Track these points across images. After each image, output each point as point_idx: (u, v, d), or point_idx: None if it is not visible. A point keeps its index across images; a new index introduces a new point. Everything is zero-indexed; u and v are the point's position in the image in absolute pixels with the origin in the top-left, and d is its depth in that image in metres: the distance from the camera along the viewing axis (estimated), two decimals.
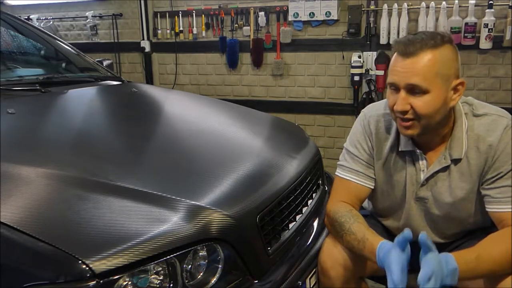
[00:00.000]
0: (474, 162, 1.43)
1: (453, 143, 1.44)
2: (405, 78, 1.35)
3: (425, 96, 1.34)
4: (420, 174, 1.51)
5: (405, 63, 1.34)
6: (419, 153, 1.49)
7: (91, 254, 1.05)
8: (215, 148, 1.72)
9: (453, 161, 1.45)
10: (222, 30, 4.13)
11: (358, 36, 3.67)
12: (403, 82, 1.35)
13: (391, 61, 1.40)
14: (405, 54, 1.35)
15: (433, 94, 1.34)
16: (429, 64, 1.33)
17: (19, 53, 2.46)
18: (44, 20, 4.77)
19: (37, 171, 1.30)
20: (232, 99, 3.92)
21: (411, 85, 1.34)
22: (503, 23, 3.23)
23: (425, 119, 1.37)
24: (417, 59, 1.33)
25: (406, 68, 1.34)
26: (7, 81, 1.95)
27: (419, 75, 1.33)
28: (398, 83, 1.37)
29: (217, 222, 1.26)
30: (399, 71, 1.36)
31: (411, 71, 1.33)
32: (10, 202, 1.16)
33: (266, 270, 1.39)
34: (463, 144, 1.43)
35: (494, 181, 1.41)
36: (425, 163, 1.49)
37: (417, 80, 1.33)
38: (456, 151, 1.44)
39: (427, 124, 1.39)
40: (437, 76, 1.33)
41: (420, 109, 1.35)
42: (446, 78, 1.35)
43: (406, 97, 1.36)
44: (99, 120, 1.92)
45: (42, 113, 1.84)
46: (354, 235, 1.44)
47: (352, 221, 1.47)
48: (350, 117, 3.78)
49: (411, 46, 1.34)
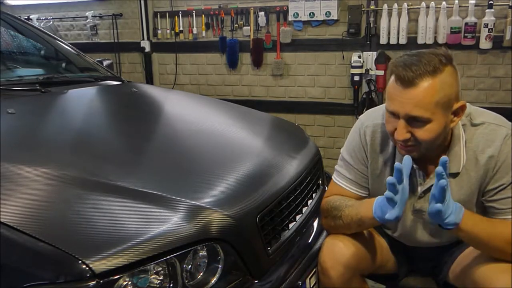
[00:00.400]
0: (473, 174, 1.41)
1: (451, 158, 1.40)
2: (404, 109, 1.30)
3: (427, 125, 1.30)
4: (417, 187, 1.49)
5: (404, 94, 1.29)
6: (416, 168, 1.46)
7: (91, 254, 1.05)
8: (215, 148, 1.73)
9: (451, 175, 1.42)
10: (222, 30, 4.13)
11: (358, 36, 3.67)
12: (403, 112, 1.30)
13: (390, 85, 1.34)
14: (404, 83, 1.28)
15: (434, 123, 1.30)
16: (429, 95, 1.27)
17: (19, 53, 2.46)
18: (44, 20, 4.76)
19: (37, 171, 1.30)
20: (232, 99, 3.92)
21: (412, 116, 1.30)
22: (503, 23, 3.23)
23: (425, 145, 1.35)
24: (416, 90, 1.27)
25: (405, 99, 1.29)
26: (7, 81, 1.95)
27: (419, 107, 1.28)
28: (397, 113, 1.32)
29: (217, 222, 1.26)
30: (398, 101, 1.31)
31: (411, 103, 1.28)
32: (10, 202, 1.16)
33: (266, 270, 1.39)
34: (461, 158, 1.41)
35: (496, 193, 1.40)
36: (422, 177, 1.47)
37: (418, 112, 1.28)
38: (453, 165, 1.41)
39: (428, 148, 1.37)
40: (437, 106, 1.28)
41: (422, 137, 1.32)
42: (447, 104, 1.31)
43: (406, 126, 1.32)
44: (99, 120, 1.92)
45: (42, 113, 1.84)
46: (351, 206, 1.48)
47: (347, 200, 1.52)
48: (350, 117, 3.78)
49: (409, 72, 1.27)
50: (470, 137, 1.42)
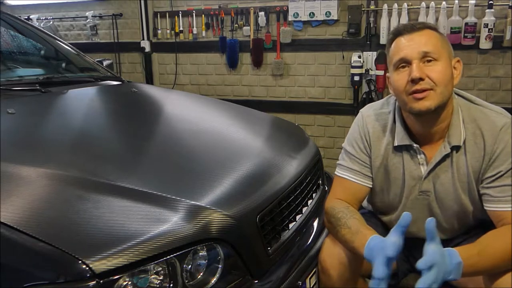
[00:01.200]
0: (470, 156, 1.44)
1: (451, 131, 1.45)
2: (417, 47, 1.39)
3: (438, 64, 1.39)
4: (420, 168, 1.51)
5: (412, 37, 1.41)
6: (416, 148, 1.49)
7: (91, 254, 1.05)
8: (215, 148, 1.72)
9: (453, 148, 1.45)
10: (222, 30, 4.13)
11: (358, 36, 3.67)
12: (415, 51, 1.39)
13: (392, 47, 1.46)
14: (411, 30, 1.42)
15: (443, 64, 1.39)
16: (435, 37, 1.42)
17: (19, 53, 2.46)
18: (44, 20, 4.77)
19: (37, 171, 1.30)
20: (232, 99, 3.92)
21: (424, 52, 1.39)
22: (503, 23, 3.23)
23: (440, 87, 1.38)
24: (423, 33, 1.42)
25: (415, 40, 1.40)
26: (7, 81, 1.95)
27: (429, 43, 1.39)
28: (409, 55, 1.40)
29: (217, 222, 1.26)
30: (408, 45, 1.41)
31: (421, 41, 1.40)
32: (10, 202, 1.16)
33: (266, 270, 1.39)
34: (461, 132, 1.44)
35: (493, 180, 1.41)
36: (423, 157, 1.49)
37: (429, 48, 1.39)
38: (454, 138, 1.44)
39: (443, 95, 1.39)
40: (442, 48, 1.41)
41: (436, 76, 1.38)
42: (448, 53, 1.43)
43: (420, 66, 1.38)
44: (99, 120, 1.92)
45: (42, 113, 1.84)
46: (349, 228, 1.44)
47: (349, 216, 1.48)
48: (350, 117, 3.77)
49: (414, 25, 1.43)
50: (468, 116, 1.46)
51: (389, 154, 1.55)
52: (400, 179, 1.55)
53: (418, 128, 1.48)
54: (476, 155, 1.43)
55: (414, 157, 1.51)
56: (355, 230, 1.42)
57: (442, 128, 1.46)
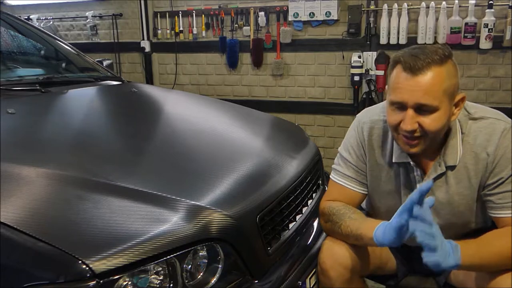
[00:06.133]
0: (472, 168, 1.41)
1: (447, 151, 1.42)
2: (414, 98, 1.29)
3: (434, 114, 1.31)
4: (416, 184, 1.49)
5: (413, 81, 1.29)
6: (413, 165, 1.46)
7: (91, 254, 1.05)
8: (215, 148, 1.72)
9: (448, 168, 1.43)
10: (222, 30, 4.13)
11: (358, 36, 3.67)
12: (412, 101, 1.30)
13: (393, 77, 1.34)
14: (413, 71, 1.29)
15: (441, 112, 1.31)
16: (438, 82, 1.29)
17: (19, 53, 2.46)
18: (44, 20, 4.76)
19: (37, 171, 1.30)
20: (232, 99, 3.92)
21: (421, 104, 1.30)
22: (503, 23, 3.23)
23: (431, 136, 1.35)
24: (426, 78, 1.28)
25: (415, 87, 1.29)
26: (7, 81, 1.95)
27: (429, 94, 1.28)
28: (406, 102, 1.31)
29: (217, 222, 1.26)
30: (407, 90, 1.30)
31: (421, 90, 1.28)
32: (10, 202, 1.16)
33: (266, 270, 1.39)
34: (458, 151, 1.41)
35: (495, 187, 1.40)
36: (419, 173, 1.47)
37: (428, 100, 1.29)
38: (450, 158, 1.42)
39: (433, 141, 1.37)
40: (444, 94, 1.30)
41: (429, 127, 1.32)
42: (451, 94, 1.33)
43: (414, 115, 1.31)
44: (99, 120, 1.92)
45: (42, 113, 1.84)
46: (354, 219, 1.44)
47: (352, 211, 1.48)
48: (350, 117, 3.77)
49: (419, 61, 1.29)
50: (468, 131, 1.42)
51: (384, 167, 1.53)
52: (396, 192, 1.53)
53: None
54: (478, 166, 1.40)
55: (411, 173, 1.48)
56: (361, 219, 1.43)
57: (437, 144, 1.43)
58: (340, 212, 1.49)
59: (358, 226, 1.42)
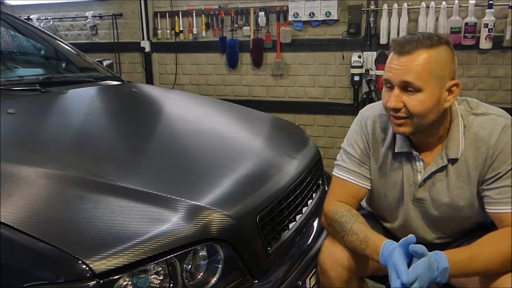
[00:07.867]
0: (472, 162, 1.43)
1: (449, 143, 1.44)
2: (398, 75, 1.36)
3: (418, 95, 1.35)
4: (417, 175, 1.50)
5: (400, 61, 1.36)
6: (415, 155, 1.49)
7: (91, 254, 1.05)
8: (215, 148, 1.72)
9: (450, 161, 1.45)
10: (222, 30, 4.13)
11: (358, 36, 3.67)
12: (397, 79, 1.36)
13: (388, 59, 1.42)
14: (401, 52, 1.36)
15: (426, 93, 1.35)
16: (423, 63, 1.34)
17: (19, 53, 2.46)
18: (44, 20, 4.77)
19: (37, 171, 1.30)
20: (232, 99, 3.92)
21: (405, 82, 1.35)
22: (503, 23, 3.23)
23: (417, 118, 1.37)
24: (411, 57, 1.35)
25: (400, 66, 1.36)
26: (7, 81, 1.95)
27: (412, 73, 1.34)
28: (392, 80, 1.38)
29: (217, 222, 1.26)
30: (393, 68, 1.37)
31: (405, 69, 1.35)
32: (10, 202, 1.16)
33: (266, 270, 1.39)
34: (460, 144, 1.43)
35: (493, 182, 1.41)
36: (422, 164, 1.49)
37: (411, 78, 1.34)
38: (452, 151, 1.44)
39: (420, 124, 1.39)
40: (430, 75, 1.34)
41: (413, 108, 1.36)
42: (440, 78, 1.36)
43: (399, 94, 1.37)
44: (99, 120, 1.92)
45: (42, 113, 1.84)
46: (356, 235, 1.43)
47: (353, 221, 1.47)
48: (350, 117, 3.77)
49: (407, 45, 1.35)
50: (470, 125, 1.44)
51: (388, 158, 1.54)
52: (398, 184, 1.54)
53: (414, 137, 1.48)
54: (478, 160, 1.42)
55: (413, 164, 1.50)
56: (362, 237, 1.42)
57: (439, 136, 1.46)
58: (342, 221, 1.48)
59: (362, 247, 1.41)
